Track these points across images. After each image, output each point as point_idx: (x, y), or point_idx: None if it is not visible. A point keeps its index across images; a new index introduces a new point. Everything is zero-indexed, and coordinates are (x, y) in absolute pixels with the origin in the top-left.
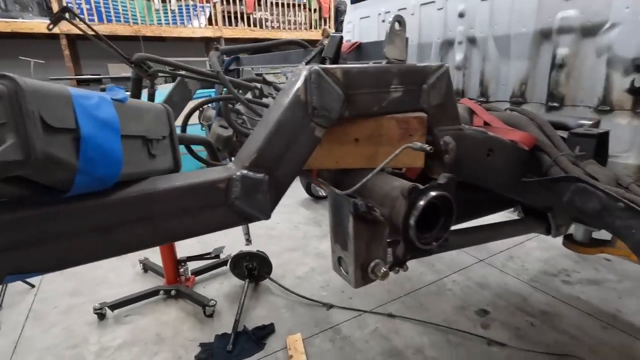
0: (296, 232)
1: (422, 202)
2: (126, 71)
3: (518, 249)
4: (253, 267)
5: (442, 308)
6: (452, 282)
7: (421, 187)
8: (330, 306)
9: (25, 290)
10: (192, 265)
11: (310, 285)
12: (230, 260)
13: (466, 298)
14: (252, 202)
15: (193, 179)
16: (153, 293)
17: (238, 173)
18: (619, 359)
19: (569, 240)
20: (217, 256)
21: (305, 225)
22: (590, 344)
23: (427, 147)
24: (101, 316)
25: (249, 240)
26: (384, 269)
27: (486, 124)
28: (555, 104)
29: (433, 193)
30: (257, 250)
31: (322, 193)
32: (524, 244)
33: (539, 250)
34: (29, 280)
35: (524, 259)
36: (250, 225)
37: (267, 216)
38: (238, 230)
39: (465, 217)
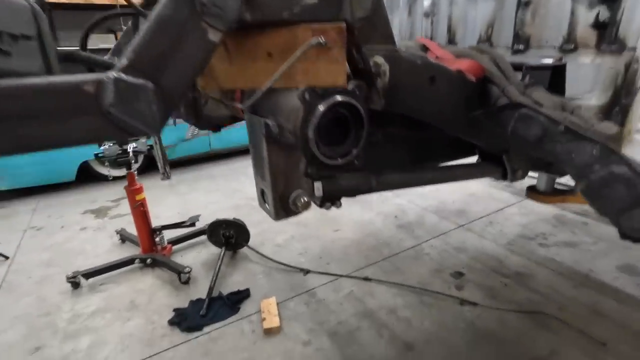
0: None
1: (321, 107)
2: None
3: (498, 214)
4: (230, 235)
5: (418, 271)
6: (430, 247)
7: (320, 91)
8: (306, 272)
9: None
10: (170, 235)
11: (288, 253)
12: (207, 228)
13: (443, 262)
14: (133, 112)
15: (56, 79)
16: (128, 262)
17: (110, 75)
18: (587, 314)
19: (532, 191)
20: (193, 224)
21: None
22: (560, 302)
23: (322, 40)
24: (75, 285)
25: (165, 175)
26: (304, 199)
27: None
28: (520, 46)
29: (337, 98)
30: (234, 219)
31: None
32: (505, 210)
33: (519, 215)
34: (3, 252)
35: (503, 224)
36: (236, 196)
37: (155, 130)
38: (221, 202)
39: (417, 160)
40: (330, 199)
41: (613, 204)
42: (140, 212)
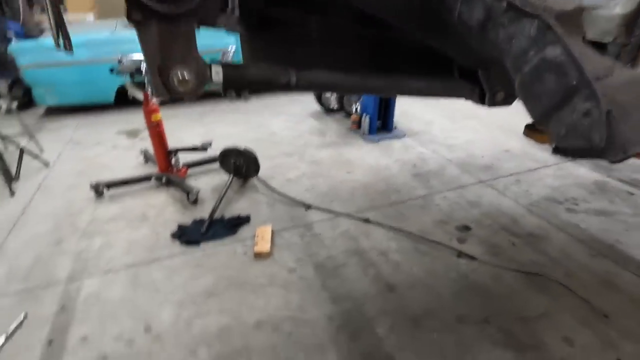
0: (297, 140)
1: None
2: None
3: (529, 174)
4: (240, 164)
5: (421, 220)
6: (442, 199)
7: None
8: (308, 207)
9: (40, 168)
10: (187, 159)
11: (296, 188)
12: (219, 154)
13: (451, 214)
14: None
15: None
16: (145, 178)
17: None
18: (596, 284)
19: (529, 128)
20: (205, 149)
21: (309, 135)
22: (569, 268)
23: None
24: (98, 193)
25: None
26: (185, 75)
27: None
28: None
29: None
30: (246, 148)
31: (334, 106)
32: (538, 170)
33: (552, 178)
34: (45, 159)
35: (531, 184)
36: (260, 131)
37: None
38: (243, 135)
39: (380, 69)
40: (234, 87)
41: (542, 103)
42: (156, 132)
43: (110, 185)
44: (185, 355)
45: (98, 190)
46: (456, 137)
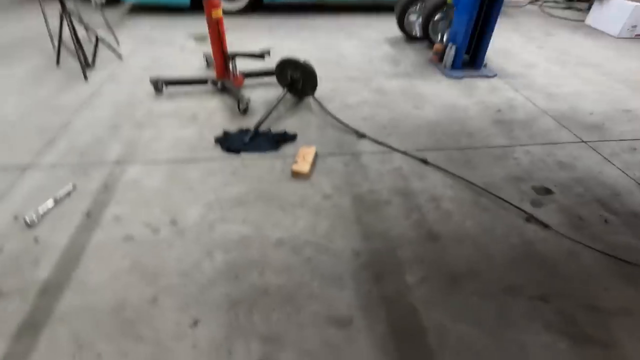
0: (366, 66)
1: None
2: None
3: None
4: (296, 78)
5: (492, 172)
6: (525, 153)
7: None
8: (362, 135)
9: (113, 59)
10: (246, 68)
11: (353, 114)
12: (276, 64)
13: (531, 172)
14: None
15: None
16: (203, 81)
17: None
18: None
19: None
20: (262, 56)
21: (381, 62)
22: None
23: None
24: (157, 90)
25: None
26: None
27: None
28: None
29: None
30: (305, 61)
31: (417, 32)
32: None
33: None
34: (120, 52)
35: None
36: (328, 50)
37: None
38: (310, 52)
39: None
40: None
41: None
42: (215, 30)
43: (169, 82)
44: (201, 255)
45: (157, 85)
46: (561, 85)
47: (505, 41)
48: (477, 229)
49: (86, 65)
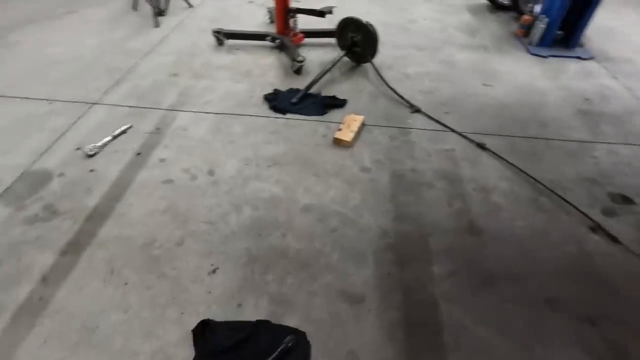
0: (438, 34)
1: None
2: None
3: None
4: (356, 41)
5: (561, 169)
6: (608, 152)
7: None
8: (416, 110)
9: (184, 9)
10: (307, 27)
11: (411, 86)
12: (338, 23)
13: (611, 175)
14: None
15: None
16: (262, 36)
17: None
18: None
19: None
20: (323, 14)
21: (455, 30)
22: None
23: None
24: (218, 41)
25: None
26: None
27: None
28: None
29: None
30: (368, 22)
31: (505, 0)
32: None
33: None
34: (191, 2)
35: None
36: (397, 15)
37: None
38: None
39: None
40: None
41: None
42: None
43: (230, 35)
44: (231, 207)
45: (219, 38)
46: None
47: (613, 17)
48: (527, 231)
49: (159, 12)
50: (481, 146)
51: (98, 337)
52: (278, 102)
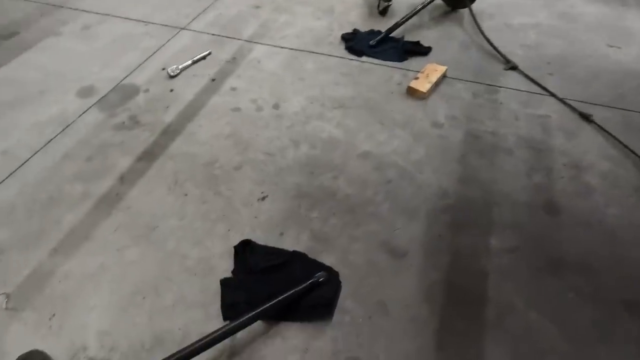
0: None
1: None
2: None
3: None
4: None
5: None
6: None
7: None
8: (512, 67)
9: None
10: None
11: (513, 39)
12: None
13: None
14: None
15: None
16: None
17: None
18: None
19: None
20: None
21: None
22: None
23: None
24: None
25: None
26: None
27: None
28: None
29: None
30: None
31: None
32: None
33: None
34: None
35: None
36: None
37: None
38: None
39: None
40: None
41: None
42: None
43: None
44: (289, 142)
45: None
46: None
47: None
48: (621, 221)
49: None
50: (586, 117)
51: (156, 235)
52: (355, 43)
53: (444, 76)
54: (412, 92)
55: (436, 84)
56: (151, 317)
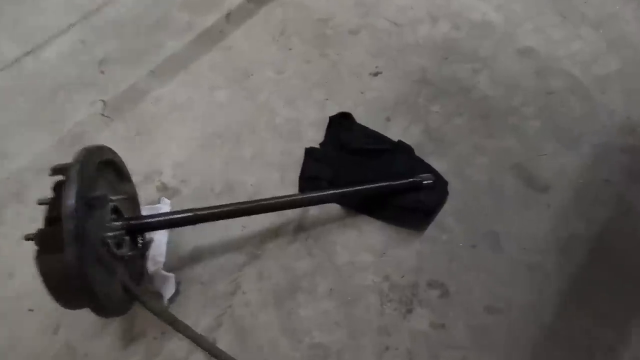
0: None
1: None
2: None
3: None
4: None
5: None
6: None
7: None
8: None
9: None
10: None
11: None
12: None
13: None
14: None
15: None
16: None
17: None
18: None
19: None
20: None
21: None
22: None
23: None
24: None
25: None
26: None
27: None
28: None
29: None
30: None
31: None
32: None
33: None
34: None
35: None
36: None
37: None
38: None
39: None
40: None
41: None
42: None
43: None
44: (426, 16)
45: None
46: None
47: None
48: None
49: None
50: None
51: (250, 83)
52: None
53: None
54: None
55: None
56: (227, 164)
